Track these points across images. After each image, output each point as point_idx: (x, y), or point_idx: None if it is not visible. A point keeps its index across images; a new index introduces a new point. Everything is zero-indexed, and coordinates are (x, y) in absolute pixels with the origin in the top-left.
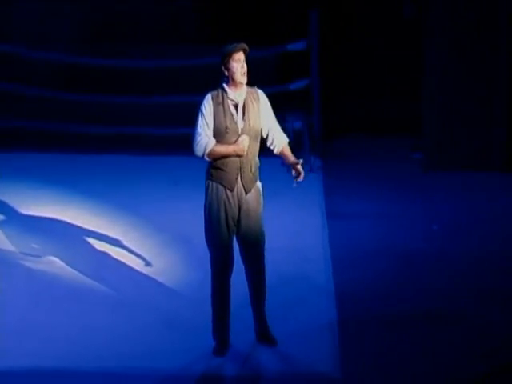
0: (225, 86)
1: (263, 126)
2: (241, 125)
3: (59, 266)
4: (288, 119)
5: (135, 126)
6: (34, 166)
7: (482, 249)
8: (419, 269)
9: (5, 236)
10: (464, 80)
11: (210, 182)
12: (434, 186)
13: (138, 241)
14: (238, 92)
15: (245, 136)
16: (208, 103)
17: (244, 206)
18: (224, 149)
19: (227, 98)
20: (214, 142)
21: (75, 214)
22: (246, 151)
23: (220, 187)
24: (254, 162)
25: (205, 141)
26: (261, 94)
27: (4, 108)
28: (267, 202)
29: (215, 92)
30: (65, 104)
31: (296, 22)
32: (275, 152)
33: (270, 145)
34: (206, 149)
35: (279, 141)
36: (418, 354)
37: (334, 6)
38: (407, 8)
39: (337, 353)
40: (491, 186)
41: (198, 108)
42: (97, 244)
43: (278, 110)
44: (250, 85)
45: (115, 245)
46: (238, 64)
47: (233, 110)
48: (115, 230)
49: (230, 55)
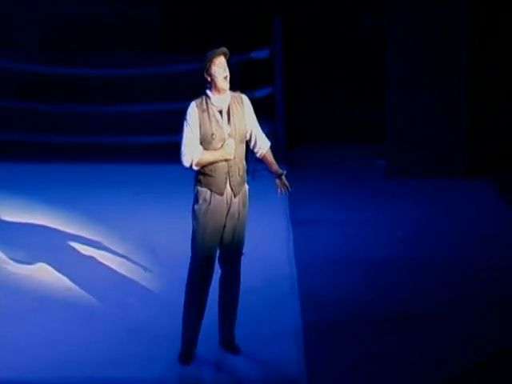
0: (208, 92)
1: (248, 130)
2: (227, 130)
3: (22, 276)
4: None
5: (98, 135)
6: None
7: (447, 254)
8: (384, 275)
9: None
10: (426, 87)
11: (200, 188)
12: (398, 193)
13: (102, 249)
14: (221, 97)
15: (231, 140)
16: (193, 111)
17: (232, 209)
18: (211, 155)
19: (211, 104)
20: (200, 150)
21: (40, 222)
22: (234, 155)
23: (209, 193)
24: (242, 165)
25: (191, 151)
26: (245, 98)
27: None
28: None
29: (199, 99)
30: (28, 113)
31: (259, 30)
32: (258, 156)
33: (252, 148)
34: (193, 159)
35: (262, 144)
36: (383, 359)
37: (297, 14)
38: (367, 17)
39: (302, 359)
40: (454, 192)
41: (183, 117)
42: (61, 253)
43: None
44: None
45: (80, 253)
46: (220, 68)
47: (218, 115)
48: (80, 239)
49: (211, 60)
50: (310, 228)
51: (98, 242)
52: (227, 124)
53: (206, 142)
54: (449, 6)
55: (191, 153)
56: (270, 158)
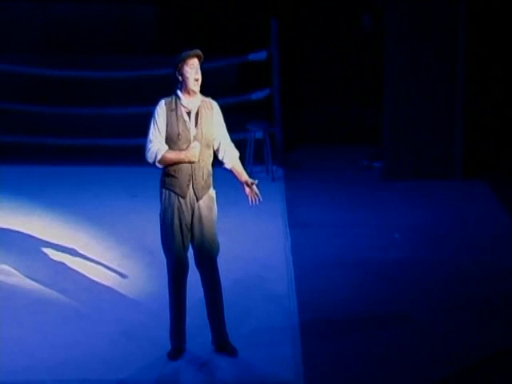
0: (178, 92)
1: (216, 138)
2: (193, 132)
3: (18, 278)
4: (249, 129)
5: (95, 137)
6: None
7: (443, 256)
8: (380, 277)
9: None
10: (423, 89)
11: (164, 190)
12: (395, 195)
13: (98, 252)
14: (191, 99)
15: (196, 143)
16: (161, 109)
17: (196, 213)
18: (175, 155)
19: (180, 104)
20: (165, 148)
21: (36, 225)
22: (198, 158)
23: (173, 194)
24: (207, 169)
25: (156, 147)
26: (215, 104)
27: None
28: (228, 211)
29: (169, 98)
30: (24, 116)
31: (256, 32)
32: (227, 167)
33: (221, 158)
34: (157, 155)
35: (231, 154)
36: (380, 361)
37: (294, 16)
38: (366, 20)
39: (299, 361)
40: (451, 194)
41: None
42: (57, 256)
43: (240, 119)
44: (211, 95)
45: (76, 256)
46: (192, 69)
47: (186, 116)
48: (76, 242)
49: (184, 60)
50: (308, 230)
51: (94, 244)
52: (194, 126)
53: (171, 141)
54: (447, 11)
55: (155, 149)
56: (240, 168)
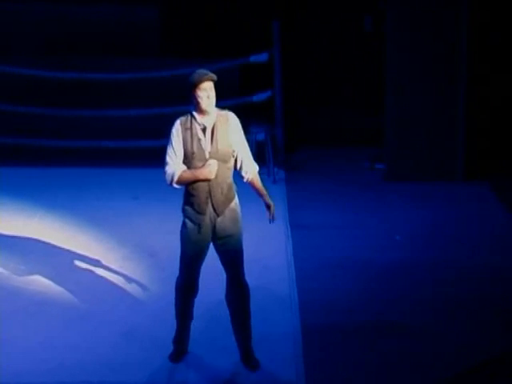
0: (193, 111)
1: (234, 150)
2: (208, 149)
3: (20, 279)
4: (251, 131)
5: (97, 139)
6: None
7: (445, 258)
8: (382, 279)
9: None
10: (425, 91)
11: (185, 207)
12: (397, 197)
13: (100, 254)
14: (206, 117)
15: (213, 160)
16: (176, 130)
17: (217, 228)
18: (191, 174)
19: (195, 122)
20: (182, 168)
21: (38, 227)
22: (216, 174)
23: (192, 211)
24: (226, 184)
25: (172, 169)
26: (231, 116)
27: None
28: None
29: (184, 118)
30: (25, 117)
31: (258, 34)
32: (244, 180)
33: (239, 171)
34: (173, 177)
35: (249, 168)
36: (381, 365)
37: (296, 18)
38: (368, 22)
39: (300, 363)
40: (453, 196)
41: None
42: (59, 257)
43: (241, 121)
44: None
45: (77, 258)
46: (204, 94)
47: (200, 134)
48: (78, 244)
49: (196, 85)
50: (309, 231)
51: (95, 246)
52: (210, 143)
53: (187, 160)
54: (448, 13)
55: (171, 171)
56: (259, 184)
